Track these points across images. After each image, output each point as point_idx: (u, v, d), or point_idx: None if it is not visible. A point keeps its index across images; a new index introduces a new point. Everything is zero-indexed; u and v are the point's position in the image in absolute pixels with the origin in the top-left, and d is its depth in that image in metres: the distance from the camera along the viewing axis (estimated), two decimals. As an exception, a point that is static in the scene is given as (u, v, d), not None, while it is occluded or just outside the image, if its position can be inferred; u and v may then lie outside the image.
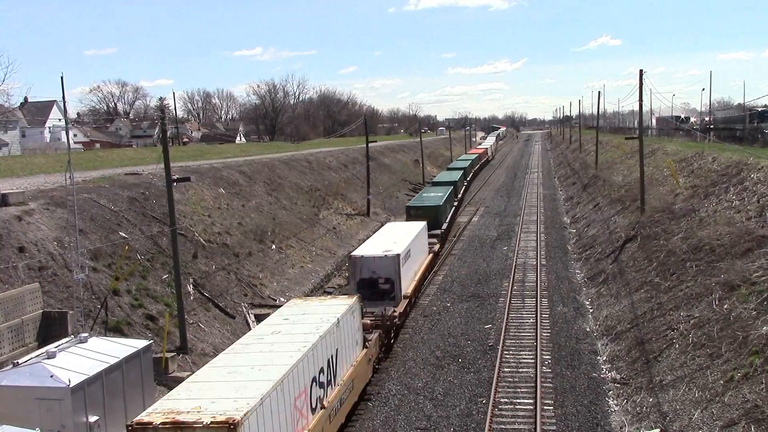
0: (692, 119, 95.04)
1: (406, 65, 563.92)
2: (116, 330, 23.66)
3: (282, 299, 33.42)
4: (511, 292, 34.45)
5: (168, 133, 30.06)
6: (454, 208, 56.74)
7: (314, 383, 17.59)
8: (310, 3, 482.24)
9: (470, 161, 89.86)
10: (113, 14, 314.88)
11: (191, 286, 29.52)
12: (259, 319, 30.08)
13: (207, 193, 40.62)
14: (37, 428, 14.19)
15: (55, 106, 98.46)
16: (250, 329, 29.33)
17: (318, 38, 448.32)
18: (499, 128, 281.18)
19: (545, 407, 21.42)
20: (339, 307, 21.25)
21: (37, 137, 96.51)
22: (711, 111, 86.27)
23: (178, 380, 22.83)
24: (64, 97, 33.29)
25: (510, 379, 23.88)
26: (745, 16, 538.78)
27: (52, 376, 16.23)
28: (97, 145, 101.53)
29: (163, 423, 13.31)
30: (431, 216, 44.20)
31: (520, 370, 24.71)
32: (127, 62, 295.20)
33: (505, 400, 22.23)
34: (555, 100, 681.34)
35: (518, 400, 22.13)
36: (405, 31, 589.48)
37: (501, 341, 27.29)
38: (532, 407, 21.45)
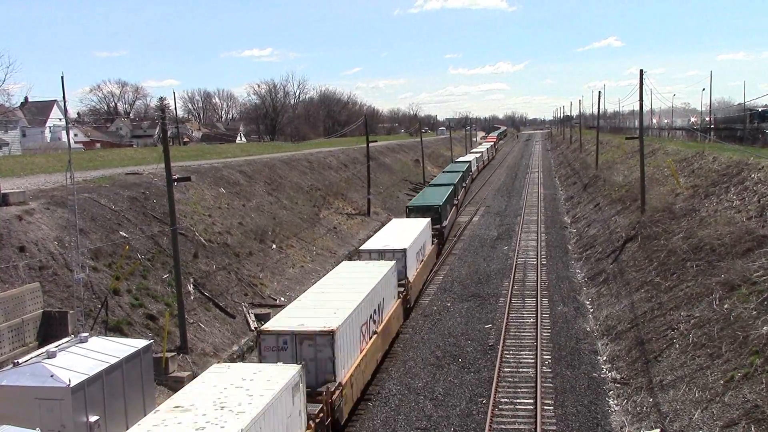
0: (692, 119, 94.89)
1: (410, 66, 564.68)
2: (116, 330, 23.67)
3: (282, 299, 33.40)
4: (511, 292, 34.43)
5: (168, 133, 30.08)
6: None
7: (370, 318, 24.09)
8: (317, 6, 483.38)
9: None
10: (126, 17, 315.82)
11: (191, 285, 29.52)
12: (260, 318, 30.04)
13: (207, 192, 40.62)
14: (38, 428, 14.17)
15: (55, 105, 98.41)
16: (250, 329, 29.33)
17: (324, 40, 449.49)
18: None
19: (545, 407, 21.43)
20: (384, 267, 27.77)
21: (38, 137, 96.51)
22: (711, 111, 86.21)
23: (179, 380, 22.90)
24: (64, 97, 33.30)
25: (510, 379, 23.88)
26: (745, 16, 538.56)
27: (52, 376, 16.21)
28: (98, 145, 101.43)
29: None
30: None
31: (521, 369, 24.72)
32: (137, 64, 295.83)
33: (506, 400, 22.23)
34: (555, 100, 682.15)
35: (518, 400, 22.13)
36: (409, 32, 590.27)
37: (501, 341, 27.29)
38: (532, 407, 21.46)
